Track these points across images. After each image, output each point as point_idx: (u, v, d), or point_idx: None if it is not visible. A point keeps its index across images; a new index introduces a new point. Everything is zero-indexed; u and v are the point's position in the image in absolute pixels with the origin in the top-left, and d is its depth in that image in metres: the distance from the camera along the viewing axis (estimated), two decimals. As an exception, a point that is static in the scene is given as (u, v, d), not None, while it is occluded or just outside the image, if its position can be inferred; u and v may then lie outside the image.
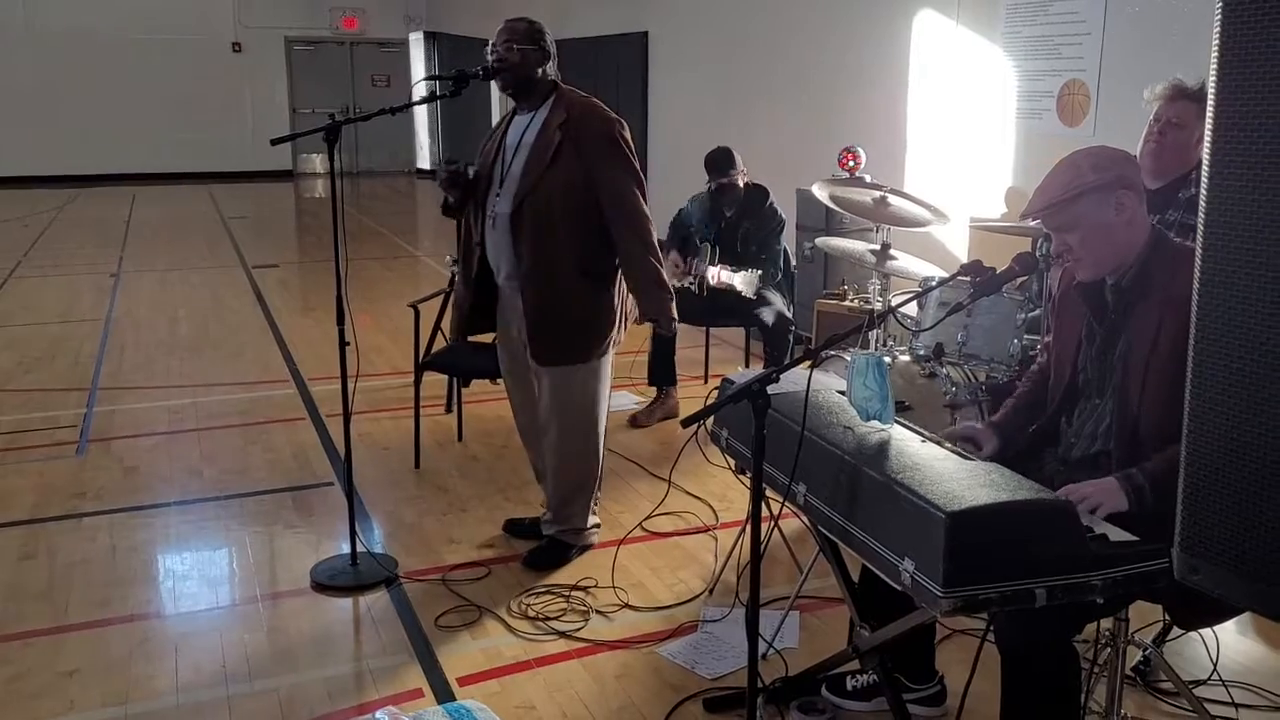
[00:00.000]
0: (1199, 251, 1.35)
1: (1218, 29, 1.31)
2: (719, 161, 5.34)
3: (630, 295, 3.67)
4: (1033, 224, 2.89)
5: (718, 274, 5.24)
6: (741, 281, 5.07)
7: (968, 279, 2.66)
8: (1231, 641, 3.22)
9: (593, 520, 3.88)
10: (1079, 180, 2.35)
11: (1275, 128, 1.26)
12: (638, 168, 3.58)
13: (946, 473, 2.09)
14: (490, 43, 3.55)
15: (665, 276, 3.61)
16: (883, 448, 2.24)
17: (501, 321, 3.78)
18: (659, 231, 3.64)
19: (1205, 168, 1.33)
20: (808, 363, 2.48)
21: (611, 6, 11.29)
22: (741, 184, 5.34)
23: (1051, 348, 2.67)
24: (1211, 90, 1.33)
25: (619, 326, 3.70)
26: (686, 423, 2.28)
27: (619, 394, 5.07)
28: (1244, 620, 3.28)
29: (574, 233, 3.50)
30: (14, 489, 4.45)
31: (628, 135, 3.58)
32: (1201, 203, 1.34)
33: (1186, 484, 1.36)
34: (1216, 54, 1.31)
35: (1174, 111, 3.05)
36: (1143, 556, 2.02)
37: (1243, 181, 1.29)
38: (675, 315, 3.66)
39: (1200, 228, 1.35)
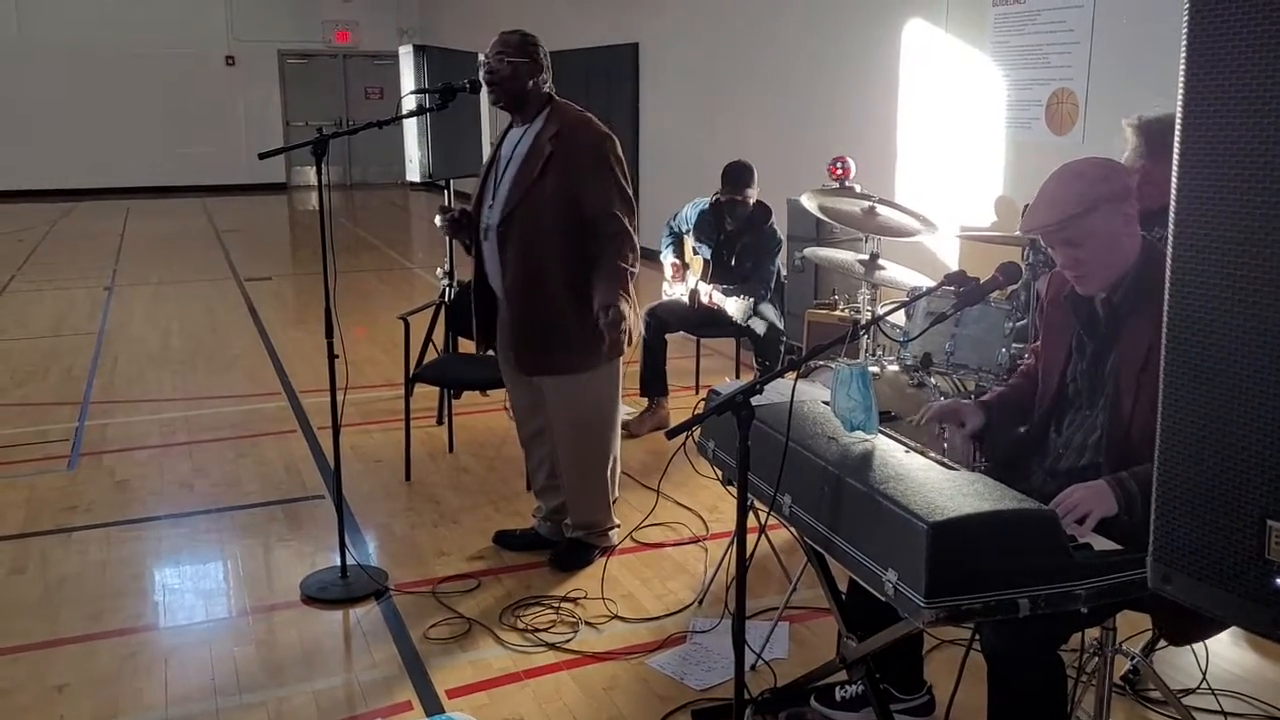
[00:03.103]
0: (1169, 267, 1.36)
1: (1185, 30, 1.32)
2: (737, 176, 5.23)
3: (632, 309, 3.68)
4: (1019, 234, 2.90)
5: (710, 293, 5.23)
6: (734, 308, 5.04)
7: (952, 288, 2.67)
8: (1222, 650, 3.22)
9: (611, 522, 3.91)
10: (1094, 191, 2.28)
11: (1242, 133, 1.27)
12: (626, 186, 3.55)
13: (929, 483, 2.09)
14: (484, 55, 3.56)
15: (629, 303, 3.53)
16: (866, 458, 2.24)
17: (500, 332, 3.79)
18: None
19: (1174, 178, 1.34)
20: (793, 374, 2.48)
21: (602, 18, 11.33)
22: (751, 204, 5.28)
23: (1040, 354, 2.66)
24: (1180, 93, 1.34)
25: (620, 339, 3.67)
26: (671, 434, 2.29)
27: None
28: (1234, 628, 3.28)
29: (560, 245, 3.50)
30: (5, 503, 4.44)
31: (619, 152, 3.57)
32: (1171, 220, 1.34)
33: (1159, 494, 1.37)
34: (1185, 57, 1.32)
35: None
36: (1127, 566, 2.03)
37: (1210, 192, 1.30)
38: (624, 329, 3.53)
39: (1170, 241, 1.35)
